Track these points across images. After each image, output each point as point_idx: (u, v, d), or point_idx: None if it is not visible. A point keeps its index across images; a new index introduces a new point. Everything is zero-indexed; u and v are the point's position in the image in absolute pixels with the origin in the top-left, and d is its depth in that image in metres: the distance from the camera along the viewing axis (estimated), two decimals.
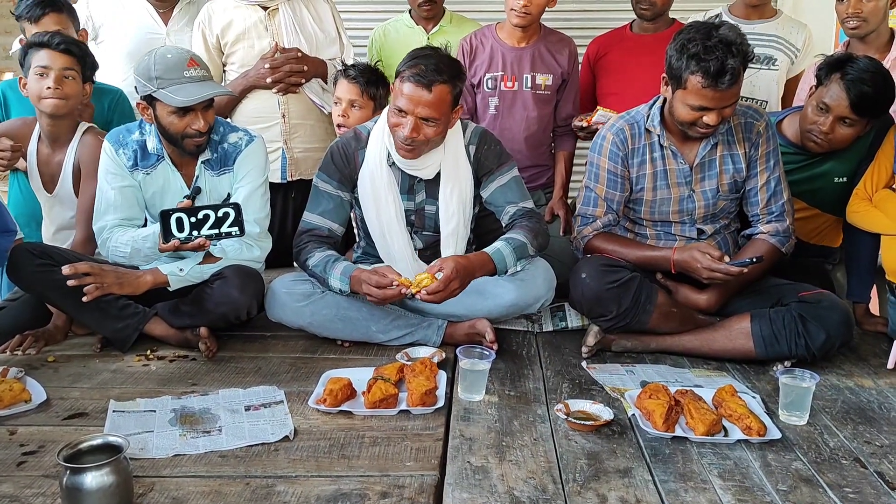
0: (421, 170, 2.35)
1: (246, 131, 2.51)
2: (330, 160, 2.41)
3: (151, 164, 2.42)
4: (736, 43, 2.08)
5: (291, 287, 2.36)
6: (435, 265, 2.18)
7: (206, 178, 2.44)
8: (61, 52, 2.50)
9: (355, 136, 2.42)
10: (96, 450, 1.49)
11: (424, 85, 2.17)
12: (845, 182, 2.53)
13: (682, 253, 2.25)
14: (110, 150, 2.41)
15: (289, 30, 2.98)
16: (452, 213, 2.38)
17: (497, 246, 2.29)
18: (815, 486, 1.58)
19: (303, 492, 1.54)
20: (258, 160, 2.49)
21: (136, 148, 2.41)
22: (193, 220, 2.23)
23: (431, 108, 2.20)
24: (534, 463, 1.65)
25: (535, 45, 2.95)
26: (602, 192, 2.40)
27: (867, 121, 2.38)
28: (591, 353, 2.27)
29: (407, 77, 2.19)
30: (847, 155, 2.50)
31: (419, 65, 2.18)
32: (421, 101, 2.18)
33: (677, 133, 2.32)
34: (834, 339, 2.14)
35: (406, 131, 2.20)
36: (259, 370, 2.19)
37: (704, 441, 1.74)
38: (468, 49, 2.96)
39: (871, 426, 1.86)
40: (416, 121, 2.20)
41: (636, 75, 2.96)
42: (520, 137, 2.96)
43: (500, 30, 2.97)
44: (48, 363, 2.24)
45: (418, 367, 2.02)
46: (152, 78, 2.25)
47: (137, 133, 2.43)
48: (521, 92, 2.95)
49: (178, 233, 2.22)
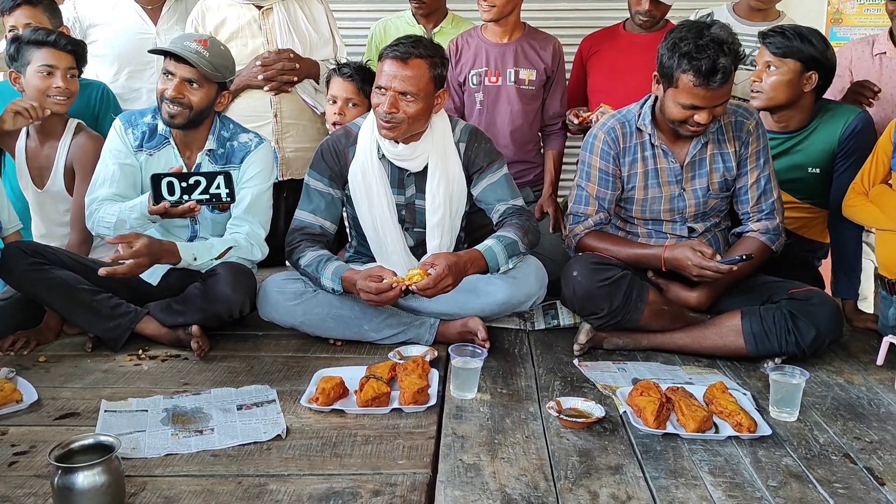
0: (409, 161, 2.36)
1: (256, 134, 2.55)
2: (320, 157, 2.42)
3: (156, 146, 2.46)
4: (727, 42, 2.09)
5: (283, 286, 2.36)
6: (427, 261, 2.18)
7: (206, 167, 2.46)
8: (67, 52, 2.54)
9: (345, 133, 2.43)
10: (88, 449, 1.48)
11: (400, 58, 2.21)
12: (819, 173, 2.59)
13: (673, 251, 2.26)
14: (120, 128, 2.46)
15: (283, 29, 2.97)
16: (438, 204, 2.38)
17: (489, 244, 2.29)
18: (804, 482, 1.59)
19: (295, 490, 1.54)
20: (267, 164, 2.53)
21: (146, 129, 2.46)
22: (184, 184, 2.24)
23: (408, 82, 2.22)
24: (526, 460, 1.66)
25: (519, 42, 2.98)
26: (593, 191, 2.40)
27: (796, 63, 2.45)
28: (583, 351, 2.28)
29: (385, 54, 2.25)
30: (817, 145, 2.57)
31: (398, 43, 2.24)
32: (398, 75, 2.21)
33: (668, 132, 2.33)
34: (824, 336, 2.15)
35: (385, 107, 2.22)
36: (251, 369, 2.19)
37: (695, 438, 1.75)
38: (454, 49, 2.99)
39: (860, 422, 1.87)
40: (395, 95, 2.22)
41: (628, 74, 2.97)
42: (505, 132, 2.98)
43: (484, 29, 3.02)
44: (39, 363, 2.23)
45: (410, 365, 2.02)
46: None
47: (150, 117, 2.48)
48: (504, 87, 2.97)
49: (168, 196, 2.23)
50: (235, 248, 2.41)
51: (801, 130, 2.59)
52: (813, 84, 2.49)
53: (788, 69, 2.46)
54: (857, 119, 2.53)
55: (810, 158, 2.60)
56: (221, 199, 2.27)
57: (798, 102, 2.53)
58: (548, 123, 3.08)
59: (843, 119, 2.54)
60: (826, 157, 2.58)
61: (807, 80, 2.48)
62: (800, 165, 2.61)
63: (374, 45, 3.23)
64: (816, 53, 2.46)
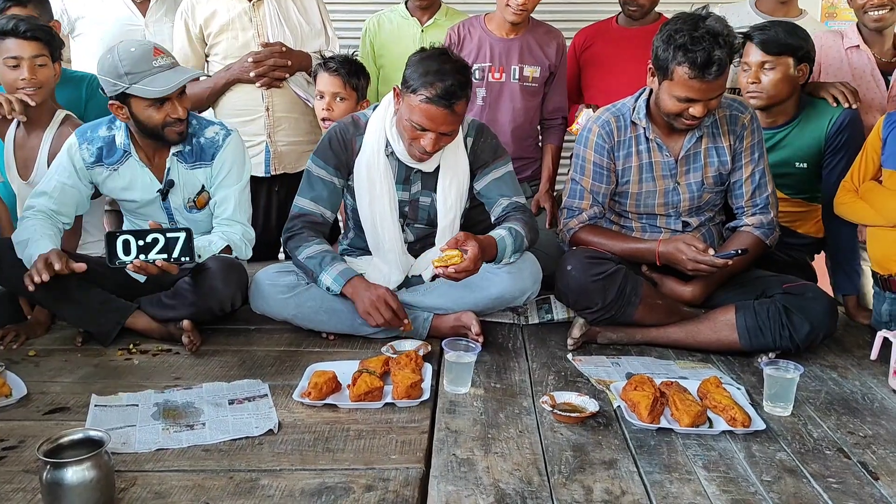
0: (423, 163, 2.33)
1: (221, 124, 2.48)
2: (327, 145, 2.38)
3: (118, 160, 2.38)
4: (723, 34, 2.08)
5: (276, 279, 2.34)
6: (459, 240, 2.12)
7: (178, 170, 2.41)
8: (29, 40, 2.46)
9: (353, 123, 2.39)
10: (77, 444, 1.47)
11: (447, 106, 2.11)
12: (807, 167, 2.59)
13: (668, 245, 2.26)
14: (74, 145, 2.37)
15: (273, 21, 2.95)
16: (451, 205, 2.37)
17: (501, 234, 2.26)
18: (798, 477, 1.59)
19: (287, 485, 1.53)
20: (239, 157, 2.46)
21: (102, 144, 2.38)
22: (141, 242, 2.11)
23: (454, 124, 2.18)
24: (519, 455, 1.65)
25: (524, 37, 2.94)
26: (588, 185, 2.39)
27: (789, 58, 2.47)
28: (577, 346, 2.27)
29: (426, 99, 2.10)
30: (804, 140, 2.57)
31: (437, 84, 2.09)
32: (445, 121, 2.14)
33: (663, 125, 2.32)
34: (818, 331, 2.15)
35: (429, 147, 2.17)
36: (243, 363, 2.17)
37: (689, 432, 1.74)
38: (455, 39, 2.94)
39: (854, 417, 1.87)
40: (437, 135, 2.17)
41: (621, 68, 2.96)
42: (506, 129, 2.95)
43: (488, 20, 2.97)
44: (29, 357, 2.22)
45: (403, 359, 2.01)
46: (121, 75, 2.20)
47: (105, 129, 2.39)
48: (508, 83, 2.95)
49: (123, 256, 2.12)
50: (234, 247, 2.39)
51: (786, 125, 2.58)
52: (805, 76, 2.51)
53: (785, 65, 2.46)
54: (843, 114, 2.53)
55: (798, 153, 2.59)
56: (181, 263, 2.15)
57: (791, 96, 2.53)
58: (547, 118, 3.06)
59: (830, 114, 2.54)
60: (814, 151, 2.57)
61: (801, 72, 2.49)
62: (787, 160, 2.60)
63: (368, 40, 3.21)
64: (808, 46, 2.49)
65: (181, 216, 2.46)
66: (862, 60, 2.72)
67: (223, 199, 2.44)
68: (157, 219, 2.39)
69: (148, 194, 2.41)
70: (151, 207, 2.45)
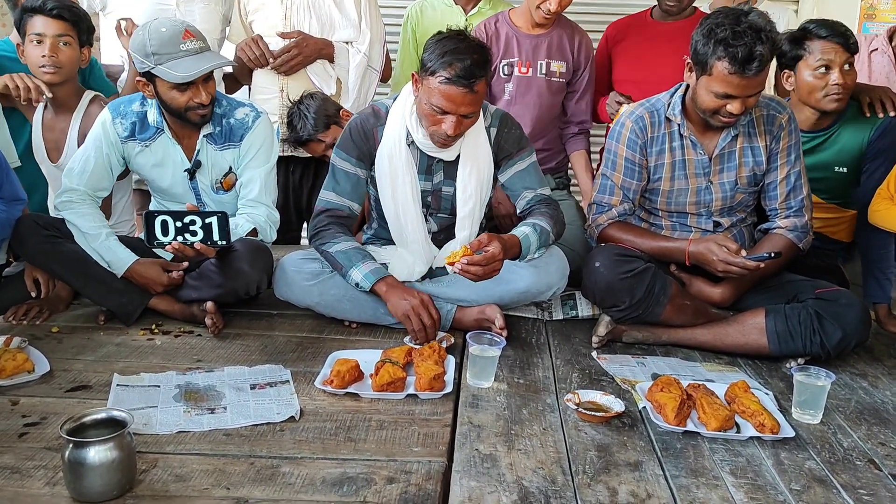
0: (443, 151, 2.30)
1: (251, 106, 2.48)
2: (349, 136, 2.36)
3: (150, 137, 2.38)
4: (765, 30, 2.03)
5: (300, 265, 2.33)
6: (483, 241, 2.09)
7: (207, 151, 2.40)
8: (54, 18, 2.45)
9: (374, 113, 2.37)
10: (100, 424, 1.46)
11: (467, 86, 2.08)
12: (846, 173, 2.54)
13: (698, 245, 2.21)
14: (108, 119, 2.37)
15: (302, 8, 2.94)
16: (470, 194, 2.34)
17: (525, 231, 2.23)
18: (828, 487, 1.55)
19: (308, 473, 1.52)
20: (267, 138, 2.46)
21: (136, 119, 2.38)
22: (179, 224, 2.13)
23: (474, 105, 2.15)
24: (543, 453, 1.63)
25: (550, 33, 2.95)
26: (618, 181, 2.35)
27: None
28: (602, 344, 2.24)
29: (445, 80, 2.07)
30: (845, 145, 2.52)
31: (455, 64, 2.06)
32: (465, 101, 2.11)
33: (698, 123, 2.27)
34: (850, 338, 2.10)
35: (450, 130, 2.14)
36: (265, 348, 2.16)
37: (716, 437, 1.71)
38: (483, 36, 2.92)
39: (885, 427, 1.83)
40: (459, 118, 2.14)
41: (654, 63, 2.92)
42: (531, 123, 2.93)
43: (514, 16, 2.96)
44: (52, 333, 2.22)
45: (427, 350, 1.99)
46: (149, 54, 2.20)
47: (139, 104, 2.39)
48: (535, 78, 2.94)
49: (161, 235, 2.14)
50: (259, 230, 2.39)
51: (828, 128, 2.53)
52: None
53: (853, 63, 2.43)
54: (888, 120, 2.47)
55: (837, 157, 2.53)
56: (217, 245, 2.15)
57: None
58: (567, 126, 3.07)
59: (874, 119, 2.49)
60: (854, 157, 2.52)
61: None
62: (826, 164, 2.55)
63: (410, 27, 3.20)
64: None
65: (208, 198, 2.45)
66: (882, 62, 2.66)
67: (249, 179, 2.42)
68: (185, 199, 2.39)
69: (178, 172, 2.41)
70: (180, 187, 2.44)
